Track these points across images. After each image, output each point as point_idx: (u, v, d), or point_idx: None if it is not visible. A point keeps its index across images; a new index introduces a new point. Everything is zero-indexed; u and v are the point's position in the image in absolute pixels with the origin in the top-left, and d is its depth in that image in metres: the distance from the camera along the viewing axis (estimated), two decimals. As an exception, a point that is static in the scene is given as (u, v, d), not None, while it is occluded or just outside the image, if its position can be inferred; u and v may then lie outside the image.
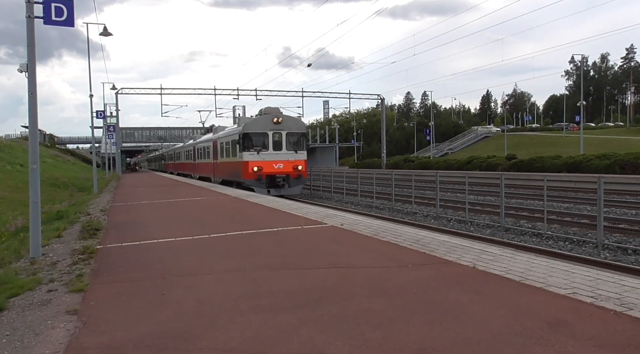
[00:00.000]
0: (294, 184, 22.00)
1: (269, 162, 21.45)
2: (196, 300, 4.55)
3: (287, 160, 21.77)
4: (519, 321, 3.70)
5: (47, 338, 3.73)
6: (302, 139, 22.76)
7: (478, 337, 3.41)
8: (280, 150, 21.82)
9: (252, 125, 22.09)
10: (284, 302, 4.38)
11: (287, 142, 21.96)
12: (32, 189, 7.14)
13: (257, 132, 21.69)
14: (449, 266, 5.51)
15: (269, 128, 21.75)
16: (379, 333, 3.55)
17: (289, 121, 22.67)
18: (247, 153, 21.44)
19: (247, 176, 21.33)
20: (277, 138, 21.88)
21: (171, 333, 3.71)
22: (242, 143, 21.64)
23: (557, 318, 3.71)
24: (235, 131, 23.58)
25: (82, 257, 6.71)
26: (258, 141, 21.61)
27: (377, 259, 6.04)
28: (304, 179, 22.70)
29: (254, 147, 21.55)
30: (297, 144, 22.33)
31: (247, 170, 21.26)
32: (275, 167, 21.48)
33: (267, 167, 21.31)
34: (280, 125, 21.87)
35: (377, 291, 4.61)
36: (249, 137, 21.63)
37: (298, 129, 22.75)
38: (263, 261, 6.15)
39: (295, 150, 22.12)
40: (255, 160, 21.31)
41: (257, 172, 21.11)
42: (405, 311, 4.02)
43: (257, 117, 22.86)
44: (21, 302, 4.74)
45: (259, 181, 21.07)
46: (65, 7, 7.01)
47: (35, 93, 7.14)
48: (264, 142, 21.67)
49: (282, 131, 21.90)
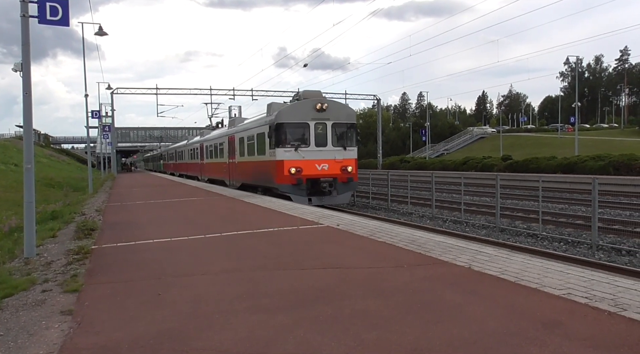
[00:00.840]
0: (343, 190, 17.08)
1: (311, 161, 16.62)
2: (191, 300, 4.54)
3: (333, 159, 16.90)
4: (514, 321, 3.71)
5: (41, 338, 3.70)
6: (352, 132, 17.69)
7: (473, 337, 3.41)
8: (324, 146, 16.88)
9: (288, 113, 16.92)
10: (279, 302, 4.38)
11: (333, 135, 17.06)
12: (26, 189, 7.10)
13: (295, 122, 16.76)
14: (444, 267, 5.52)
15: (310, 117, 16.76)
16: (375, 333, 3.55)
17: (335, 108, 17.49)
18: (282, 149, 16.55)
19: (280, 179, 16.49)
20: (320, 130, 16.96)
21: (166, 334, 3.70)
22: (275, 137, 16.76)
23: (551, 319, 3.72)
24: (262, 121, 18.59)
25: (76, 257, 6.68)
26: (296, 134, 16.78)
27: (373, 259, 6.04)
28: (354, 184, 17.58)
29: (290, 141, 16.67)
30: (345, 138, 17.41)
31: (281, 172, 16.41)
32: (319, 168, 16.68)
33: (308, 168, 16.50)
34: (324, 113, 16.92)
35: (372, 292, 4.61)
36: (284, 129, 16.66)
37: (347, 118, 17.61)
38: (259, 261, 6.14)
39: (343, 146, 17.16)
40: (292, 159, 16.44)
41: (295, 174, 16.27)
42: (400, 312, 4.02)
43: (294, 103, 17.54)
44: (15, 302, 4.71)
45: (297, 186, 16.27)
46: (60, 7, 6.97)
47: (30, 93, 7.10)
48: (303, 135, 16.77)
49: (327, 121, 16.97)
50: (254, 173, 19.68)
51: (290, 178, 16.36)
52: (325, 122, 17.01)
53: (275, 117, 17.01)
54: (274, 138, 16.87)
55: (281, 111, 17.08)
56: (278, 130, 16.73)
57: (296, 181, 16.28)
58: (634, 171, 25.80)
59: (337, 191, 16.92)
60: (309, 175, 16.53)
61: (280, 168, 16.52)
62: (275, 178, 16.86)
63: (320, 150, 16.87)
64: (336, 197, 16.99)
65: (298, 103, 17.47)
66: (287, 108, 17.25)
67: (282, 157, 16.53)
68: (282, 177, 16.46)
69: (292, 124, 16.80)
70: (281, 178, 16.50)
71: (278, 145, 16.67)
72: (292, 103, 18.03)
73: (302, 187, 16.36)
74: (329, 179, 16.74)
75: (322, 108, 16.88)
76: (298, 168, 16.42)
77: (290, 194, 16.23)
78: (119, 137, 76.45)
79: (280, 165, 16.51)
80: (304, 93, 18.10)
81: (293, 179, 16.33)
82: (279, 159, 16.57)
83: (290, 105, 17.75)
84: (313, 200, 16.37)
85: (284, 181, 16.47)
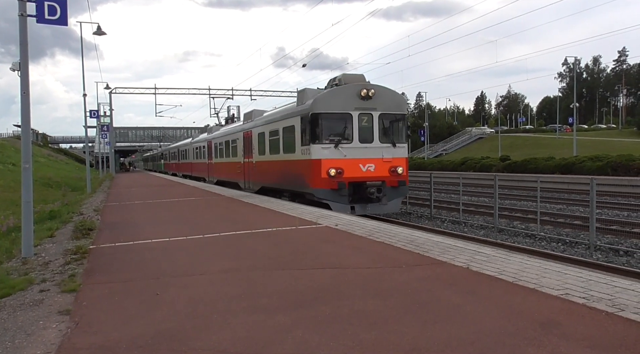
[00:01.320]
0: (392, 196, 13.98)
1: (354, 160, 13.62)
2: (190, 300, 4.54)
3: (380, 159, 13.89)
4: (511, 321, 3.71)
5: (38, 338, 3.70)
6: (403, 125, 14.72)
7: (471, 338, 3.42)
8: (370, 143, 13.86)
9: (326, 101, 13.73)
10: (278, 303, 4.38)
11: (380, 128, 14.04)
12: (24, 188, 7.09)
13: (335, 113, 13.68)
14: (443, 267, 5.53)
15: (352, 106, 13.72)
16: (373, 333, 3.56)
17: (383, 95, 14.19)
18: (319, 146, 13.51)
19: (317, 183, 13.45)
20: (365, 122, 13.90)
21: (164, 334, 3.69)
22: (310, 131, 13.70)
23: (549, 319, 3.73)
24: (291, 112, 15.45)
25: (74, 257, 6.67)
26: (336, 127, 13.81)
27: (371, 259, 6.05)
28: (405, 188, 14.49)
29: (329, 136, 13.65)
30: (395, 132, 14.40)
31: (317, 174, 13.44)
32: (364, 169, 13.70)
33: (350, 169, 13.55)
34: (370, 101, 13.82)
35: (371, 292, 4.61)
36: (322, 121, 13.59)
37: (397, 108, 14.45)
38: (257, 261, 6.14)
39: (392, 142, 14.07)
40: (332, 158, 13.46)
41: (335, 177, 13.29)
42: (399, 312, 4.02)
43: (333, 89, 14.11)
44: (13, 302, 4.70)
45: (338, 192, 13.27)
46: (58, 6, 6.97)
47: (28, 92, 7.09)
48: (345, 128, 13.76)
49: (373, 111, 13.89)
50: (278, 175, 16.49)
51: (329, 182, 13.30)
52: (371, 113, 13.85)
53: (310, 106, 13.75)
54: (309, 132, 13.77)
55: (318, 99, 13.74)
56: (314, 123, 13.59)
57: (337, 186, 13.24)
58: (631, 171, 25.86)
59: (386, 198, 13.80)
60: (351, 177, 13.50)
61: (316, 169, 13.47)
62: (309, 181, 13.79)
63: (366, 147, 13.76)
64: (385, 205, 13.84)
65: (338, 89, 13.99)
66: (325, 96, 13.85)
67: (319, 155, 13.48)
68: (318, 180, 13.41)
69: (331, 115, 13.67)
70: (318, 181, 13.43)
71: (314, 141, 13.57)
72: (330, 89, 14.25)
73: (343, 193, 13.31)
74: (376, 182, 13.65)
75: (368, 96, 13.71)
76: (339, 170, 13.39)
77: (329, 201, 13.28)
78: (118, 136, 76.41)
79: (317, 166, 13.47)
80: (344, 76, 14.61)
81: (333, 183, 13.27)
82: (315, 158, 13.51)
83: (328, 91, 14.07)
84: (356, 208, 13.49)
85: (321, 185, 13.37)
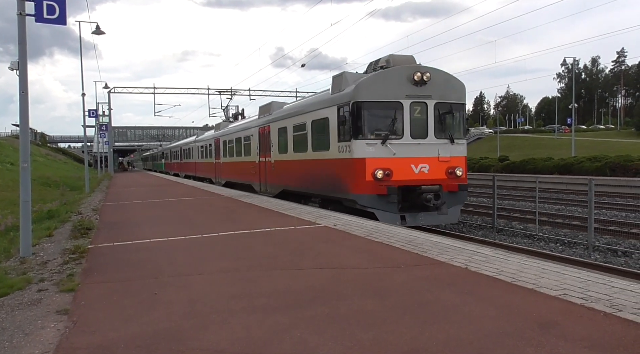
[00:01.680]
0: (451, 203, 11.68)
1: (405, 160, 11.31)
2: (188, 300, 4.53)
3: (436, 158, 11.61)
4: (510, 322, 3.72)
5: (36, 338, 3.69)
6: (462, 116, 12.31)
7: (470, 338, 3.42)
8: (424, 138, 11.59)
9: (372, 86, 11.33)
10: (276, 302, 4.38)
11: (436, 121, 11.69)
12: (22, 188, 7.07)
13: (383, 101, 11.32)
14: (441, 267, 5.53)
15: (403, 93, 11.34)
16: (371, 333, 3.56)
17: (439, 80, 11.78)
18: (362, 142, 11.18)
19: (360, 187, 11.19)
20: (418, 113, 11.56)
21: (163, 333, 3.69)
22: (352, 124, 11.34)
23: (548, 319, 3.73)
24: (324, 102, 12.96)
25: (73, 257, 6.66)
26: (383, 119, 11.40)
27: (369, 260, 6.05)
28: (464, 194, 12.22)
29: (375, 130, 11.31)
30: (453, 125, 12.08)
31: (361, 177, 11.14)
32: (416, 171, 11.38)
33: (400, 171, 11.23)
34: (424, 87, 11.45)
35: (369, 292, 4.61)
36: (366, 111, 11.25)
37: (455, 96, 12.03)
38: (255, 261, 6.14)
39: (449, 138, 11.79)
40: (378, 157, 11.16)
41: (382, 179, 11.03)
42: (397, 312, 4.02)
43: (380, 73, 11.64)
44: (10, 302, 4.69)
45: (386, 198, 10.96)
46: (57, 5, 6.95)
47: (27, 92, 7.08)
48: (394, 120, 11.34)
49: (427, 100, 11.57)
50: (305, 177, 14.06)
51: (375, 186, 11.02)
52: (426, 102, 11.54)
53: (352, 92, 11.39)
54: (350, 125, 11.38)
55: (362, 84, 11.35)
56: (356, 113, 11.22)
57: (386, 191, 10.89)
58: (629, 172, 25.91)
59: (446, 205, 11.49)
60: (401, 181, 11.20)
61: (359, 170, 11.15)
62: (349, 185, 11.50)
63: (419, 143, 11.49)
64: (445, 215, 11.56)
65: (386, 72, 11.59)
66: (370, 80, 11.43)
67: (363, 153, 11.11)
68: (362, 183, 11.11)
69: (378, 104, 11.30)
70: (361, 185, 11.13)
71: (356, 136, 11.21)
72: (377, 72, 11.77)
73: (392, 199, 10.96)
74: (433, 187, 11.35)
75: (422, 80, 11.34)
76: (386, 171, 11.08)
77: (374, 210, 11.08)
78: (116, 136, 76.37)
79: (360, 166, 11.14)
80: (392, 57, 11.98)
81: (380, 187, 10.97)
82: (358, 157, 11.18)
83: (374, 75, 11.59)
84: (408, 219, 11.19)
85: (365, 190, 11.08)
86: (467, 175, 12.27)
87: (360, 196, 11.26)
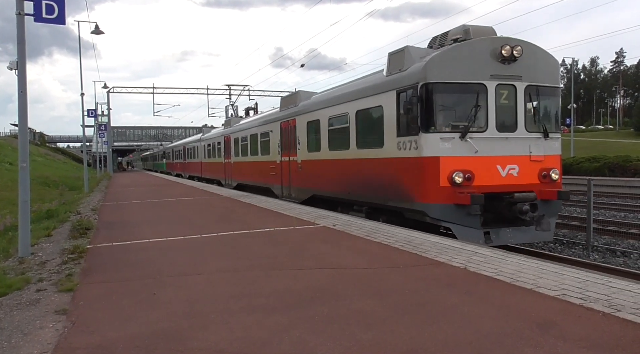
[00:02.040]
0: (548, 214, 9.18)
1: (489, 159, 8.93)
2: (187, 300, 4.53)
3: (527, 156, 9.20)
4: (509, 322, 3.72)
5: (35, 338, 3.69)
6: (555, 103, 9.85)
7: (469, 338, 3.42)
8: (512, 131, 9.16)
9: (446, 62, 8.95)
10: (275, 302, 4.38)
11: (527, 109, 9.29)
12: (21, 188, 7.07)
13: (462, 83, 8.92)
14: (440, 268, 5.53)
15: (487, 72, 8.96)
16: (371, 333, 3.56)
17: (530, 56, 9.25)
18: (435, 137, 8.79)
19: (431, 195, 8.77)
20: (505, 98, 9.14)
21: (162, 333, 3.69)
22: (421, 112, 8.90)
23: (546, 319, 3.74)
24: (377, 85, 10.32)
25: (72, 257, 6.65)
26: (462, 106, 9.07)
27: (369, 260, 6.05)
28: (559, 204, 9.80)
29: (450, 120, 9.03)
30: (546, 115, 9.68)
31: (432, 181, 8.76)
32: (503, 173, 8.99)
33: (483, 173, 8.85)
34: (514, 65, 9.04)
35: (368, 292, 4.61)
36: (439, 96, 8.89)
37: (549, 77, 9.55)
38: (255, 261, 6.14)
39: (543, 132, 9.39)
40: (455, 156, 8.78)
41: (462, 185, 8.65)
42: (396, 312, 4.02)
43: (457, 46, 9.17)
44: (9, 302, 4.68)
45: (466, 210, 8.57)
46: (56, 5, 6.95)
47: (26, 91, 7.08)
48: (475, 108, 8.89)
49: (517, 81, 9.13)
50: (348, 181, 11.44)
51: (452, 193, 8.53)
52: (515, 84, 9.08)
53: (421, 71, 8.83)
54: (418, 114, 8.84)
55: (435, 60, 8.82)
56: (428, 99, 8.75)
57: (469, 200, 8.31)
58: (628, 172, 25.95)
59: (544, 218, 8.94)
60: (486, 186, 8.74)
61: (431, 172, 8.68)
62: (417, 192, 8.96)
63: (506, 138, 9.04)
64: (545, 232, 9.09)
65: (465, 46, 9.03)
66: (446, 55, 8.92)
67: (436, 150, 8.66)
68: (434, 190, 8.63)
69: (456, 87, 8.86)
70: (434, 192, 8.65)
71: (427, 128, 8.74)
72: (452, 46, 9.20)
73: (475, 210, 8.44)
74: (528, 195, 8.82)
75: (512, 56, 8.89)
76: (467, 174, 8.61)
77: (451, 224, 8.67)
78: (115, 136, 76.32)
79: (432, 167, 8.67)
80: (472, 28, 9.38)
81: (459, 195, 8.46)
82: (429, 155, 8.70)
83: (452, 49, 9.07)
84: (493, 236, 8.76)
85: (439, 198, 8.61)
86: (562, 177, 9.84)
87: (432, 207, 8.69)
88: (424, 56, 9.24)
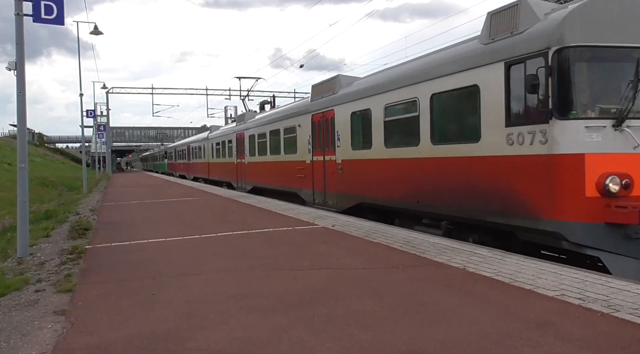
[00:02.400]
0: None
1: None
2: (186, 301, 4.53)
3: None
4: (508, 322, 3.72)
5: (34, 338, 3.68)
6: None
7: (468, 338, 3.42)
8: None
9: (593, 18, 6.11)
10: (274, 303, 4.38)
11: None
12: (20, 188, 7.06)
13: (616, 47, 6.15)
14: (439, 268, 5.53)
15: None
16: (370, 334, 3.56)
17: None
18: (577, 124, 6.06)
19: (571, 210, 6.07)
20: None
21: (161, 334, 3.68)
22: (551, 90, 6.17)
23: (545, 319, 3.74)
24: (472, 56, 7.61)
25: (70, 257, 6.65)
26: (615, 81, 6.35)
27: (368, 260, 6.05)
28: None
29: (598, 102, 6.25)
30: None
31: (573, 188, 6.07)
32: None
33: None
34: None
35: (367, 293, 4.61)
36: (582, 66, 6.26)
37: None
38: (254, 262, 6.14)
39: None
40: (607, 153, 6.05)
41: (617, 195, 5.95)
42: (395, 312, 4.02)
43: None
44: (8, 302, 4.68)
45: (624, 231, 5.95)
46: (55, 5, 6.95)
47: (24, 92, 7.07)
48: (634, 84, 5.99)
49: None
50: (417, 186, 8.89)
51: (603, 207, 6.09)
52: None
53: (555, 30, 6.28)
54: (549, 92, 6.28)
55: (574, 13, 6.23)
56: (565, 69, 6.25)
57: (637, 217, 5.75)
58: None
59: None
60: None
61: (571, 176, 6.19)
62: (547, 204, 6.35)
63: None
64: None
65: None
66: (593, 5, 6.28)
67: (578, 144, 6.16)
68: (576, 201, 6.15)
69: (607, 52, 6.36)
70: (575, 205, 6.16)
71: (564, 113, 6.22)
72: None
73: (634, 232, 6.04)
74: None
75: None
76: (624, 179, 6.11)
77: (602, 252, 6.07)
78: (114, 136, 76.26)
79: (574, 169, 6.18)
80: None
81: (615, 210, 6.02)
82: (568, 152, 6.19)
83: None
84: None
85: (582, 215, 6.14)
86: None
87: (573, 227, 6.15)
88: (553, 10, 6.72)
